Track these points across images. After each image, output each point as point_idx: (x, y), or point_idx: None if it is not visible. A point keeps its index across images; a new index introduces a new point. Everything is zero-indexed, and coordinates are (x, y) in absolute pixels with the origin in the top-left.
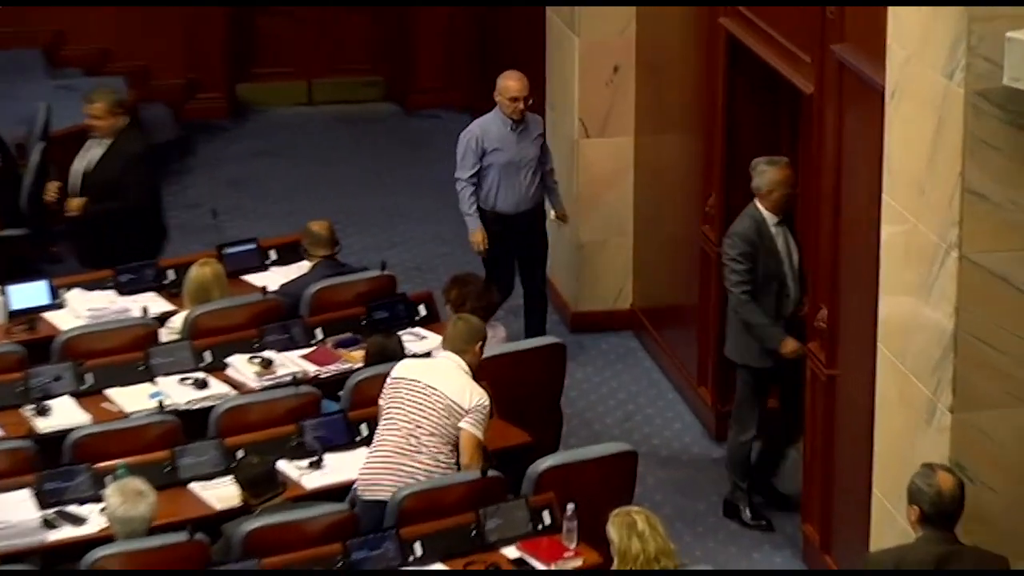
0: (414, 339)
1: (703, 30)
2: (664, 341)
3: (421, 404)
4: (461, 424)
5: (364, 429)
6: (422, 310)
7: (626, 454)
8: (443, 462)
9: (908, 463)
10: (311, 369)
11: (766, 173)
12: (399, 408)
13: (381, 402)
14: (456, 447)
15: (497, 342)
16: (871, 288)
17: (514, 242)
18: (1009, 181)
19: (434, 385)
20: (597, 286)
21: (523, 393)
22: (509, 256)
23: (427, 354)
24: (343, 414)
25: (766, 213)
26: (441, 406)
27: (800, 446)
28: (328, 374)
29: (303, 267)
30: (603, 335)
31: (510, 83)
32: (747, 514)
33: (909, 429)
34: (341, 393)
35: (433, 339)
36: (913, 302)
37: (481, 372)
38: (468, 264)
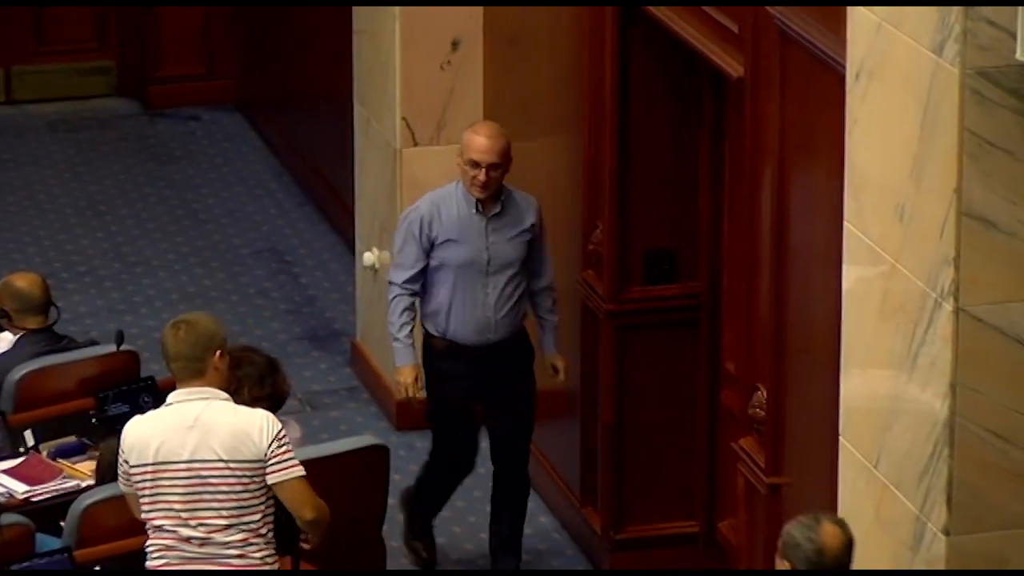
0: None
1: None
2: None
3: (197, 493)
4: (269, 480)
5: None
6: None
7: None
8: (256, 555)
9: None
10: (19, 489)
11: None
12: (165, 511)
13: (124, 487)
14: (268, 516)
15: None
16: (829, 359)
17: (474, 389)
18: None
19: (202, 457)
20: None
21: (329, 516)
22: (466, 411)
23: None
24: (68, 554)
25: None
26: (229, 483)
27: None
28: (44, 496)
29: (3, 341)
30: None
31: (475, 139)
32: None
33: (887, 560)
34: (64, 523)
35: None
36: (890, 378)
37: None
38: (246, 332)
